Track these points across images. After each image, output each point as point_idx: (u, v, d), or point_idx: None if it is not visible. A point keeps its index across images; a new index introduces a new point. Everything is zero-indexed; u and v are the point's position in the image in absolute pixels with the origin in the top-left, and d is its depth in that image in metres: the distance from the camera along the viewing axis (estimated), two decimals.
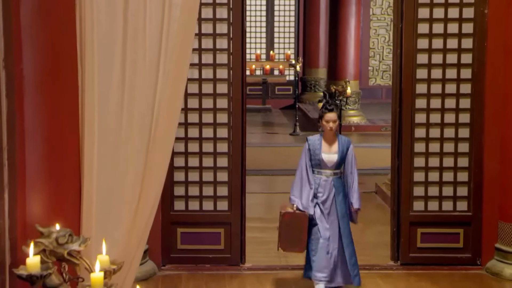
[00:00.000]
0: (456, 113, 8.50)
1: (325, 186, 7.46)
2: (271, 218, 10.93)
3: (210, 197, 8.59)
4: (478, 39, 8.34)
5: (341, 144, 7.49)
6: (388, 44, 21.61)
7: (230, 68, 8.44)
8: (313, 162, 7.48)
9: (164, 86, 4.62)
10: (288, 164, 14.49)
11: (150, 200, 4.65)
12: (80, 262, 4.03)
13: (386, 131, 17.51)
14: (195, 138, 8.49)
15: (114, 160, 4.63)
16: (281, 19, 22.64)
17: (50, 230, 4.02)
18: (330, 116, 7.45)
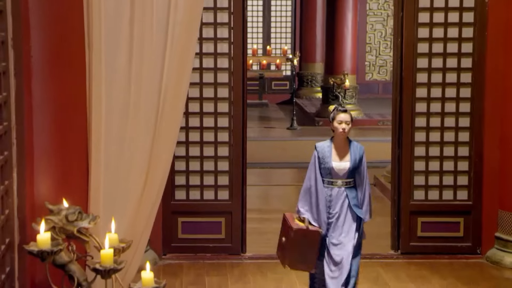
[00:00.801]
0: (456, 102, 8.51)
1: (337, 198, 6.71)
2: (269, 209, 11.00)
3: (211, 187, 8.60)
4: (478, 28, 8.36)
5: (353, 151, 6.71)
6: (384, 39, 21.64)
7: (231, 58, 8.44)
8: (323, 171, 6.70)
9: (171, 64, 4.62)
10: (285, 158, 14.54)
11: (157, 179, 4.65)
12: (89, 239, 4.03)
13: (383, 125, 17.56)
14: (196, 127, 8.49)
15: (121, 139, 4.63)
16: (278, 14, 22.66)
17: (60, 207, 4.02)
18: (342, 117, 6.65)
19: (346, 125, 6.65)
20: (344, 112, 6.70)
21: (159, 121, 4.66)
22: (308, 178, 6.76)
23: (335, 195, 6.69)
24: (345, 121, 6.65)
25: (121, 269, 3.90)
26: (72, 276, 4.05)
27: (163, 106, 4.67)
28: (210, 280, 7.96)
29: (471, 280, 7.93)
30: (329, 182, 6.69)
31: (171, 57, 4.64)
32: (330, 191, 6.69)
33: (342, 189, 6.70)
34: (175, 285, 7.83)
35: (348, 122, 6.67)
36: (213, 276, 8.06)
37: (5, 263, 4.30)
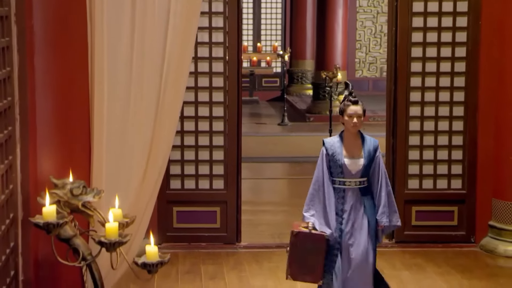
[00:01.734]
0: (450, 91, 8.55)
1: (350, 200, 5.99)
2: (262, 202, 11.02)
3: (206, 176, 8.60)
4: (472, 17, 8.40)
5: (366, 146, 6.00)
6: (374, 36, 21.70)
7: (226, 47, 8.46)
8: (333, 170, 5.95)
9: (174, 39, 4.63)
10: (276, 152, 14.57)
11: (160, 156, 4.66)
12: (94, 213, 4.03)
13: (374, 121, 17.60)
14: (191, 116, 8.49)
15: (124, 115, 4.64)
16: (268, 11, 22.68)
17: (64, 181, 4.03)
18: (354, 109, 5.91)
19: (358, 119, 5.90)
20: (355, 103, 5.96)
21: (162, 96, 4.67)
22: (316, 179, 6.01)
23: (348, 197, 5.98)
24: (356, 114, 5.90)
25: (126, 242, 3.91)
26: (76, 250, 4.05)
27: (165, 81, 4.67)
28: (205, 268, 7.96)
29: (465, 268, 7.97)
30: (340, 183, 5.96)
31: (173, 32, 4.65)
32: (342, 193, 5.97)
33: (356, 190, 5.99)
34: (171, 273, 7.82)
35: (360, 115, 5.93)
36: (209, 265, 8.07)
37: (9, 238, 4.30)
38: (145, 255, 4.06)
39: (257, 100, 20.75)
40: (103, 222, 3.95)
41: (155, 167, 4.65)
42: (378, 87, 21.36)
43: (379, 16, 21.54)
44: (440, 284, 7.51)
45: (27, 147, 4.45)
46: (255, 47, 20.79)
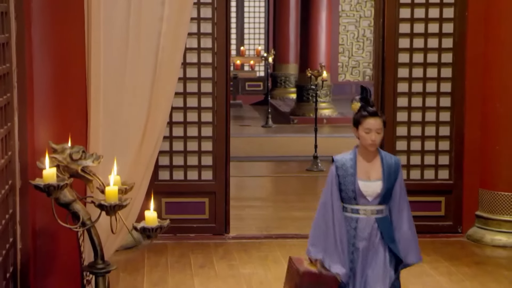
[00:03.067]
0: (437, 82, 8.62)
1: (364, 231, 5.00)
2: (248, 197, 11.03)
3: (194, 167, 8.61)
4: (459, 9, 8.48)
5: (386, 165, 5.00)
6: (357, 41, 21.81)
7: (214, 38, 8.49)
8: (344, 194, 4.97)
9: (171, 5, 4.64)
10: (261, 152, 14.59)
11: (157, 124, 4.67)
12: (93, 178, 4.04)
13: None
14: (179, 107, 8.51)
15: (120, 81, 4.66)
16: (251, 15, 22.76)
17: (64, 146, 4.03)
18: (372, 123, 4.89)
19: (377, 135, 4.90)
20: (374, 115, 4.93)
21: (159, 62, 4.68)
22: (323, 205, 5.03)
23: (362, 228, 5.00)
24: (375, 129, 4.89)
25: (126, 205, 3.92)
26: (75, 216, 4.06)
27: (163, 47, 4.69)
28: (195, 258, 7.97)
29: (453, 257, 8.02)
30: (353, 211, 5.00)
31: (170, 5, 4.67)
32: (354, 223, 4.99)
33: (372, 219, 4.98)
34: (161, 262, 7.83)
35: (380, 130, 4.92)
36: (198, 254, 8.08)
37: (8, 205, 4.31)
38: (144, 221, 4.08)
39: (241, 104, 20.79)
40: (102, 187, 3.96)
41: (153, 134, 4.67)
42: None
43: (362, 20, 21.67)
44: (429, 271, 7.56)
45: (25, 115, 4.46)
46: (239, 50, 20.85)
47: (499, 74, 8.27)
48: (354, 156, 5.00)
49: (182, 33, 4.76)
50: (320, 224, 5.04)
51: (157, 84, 4.68)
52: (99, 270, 4.05)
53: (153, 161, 4.90)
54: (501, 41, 8.25)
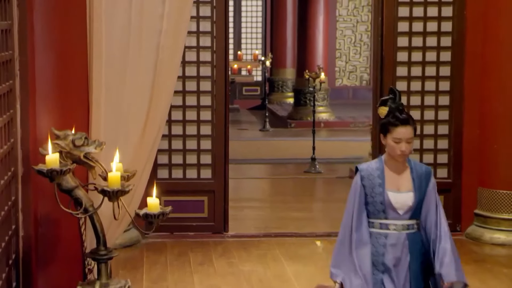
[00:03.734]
0: (436, 81, 8.64)
1: (394, 250, 4.51)
2: (246, 198, 11.03)
3: (193, 165, 8.62)
4: (457, 7, 8.51)
5: (416, 175, 4.56)
6: (354, 45, 21.84)
7: (214, 36, 8.50)
8: (371, 207, 4.51)
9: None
10: (259, 155, 14.60)
11: (159, 112, 4.68)
12: (95, 165, 4.04)
13: (355, 127, 17.72)
14: (178, 106, 8.51)
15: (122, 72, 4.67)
16: (249, 19, 22.78)
17: (66, 133, 4.04)
18: (403, 132, 4.46)
19: (407, 145, 4.47)
20: (405, 123, 4.48)
21: (161, 50, 4.70)
22: (347, 220, 4.56)
23: (391, 246, 4.50)
24: (405, 138, 4.46)
25: (129, 191, 3.92)
26: (77, 202, 4.06)
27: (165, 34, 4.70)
28: (194, 256, 7.97)
29: None
30: (382, 226, 4.52)
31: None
32: (383, 240, 4.51)
33: (403, 235, 4.51)
34: (160, 260, 7.83)
35: (410, 140, 4.49)
36: (197, 252, 8.08)
37: (10, 192, 4.31)
38: (146, 208, 4.08)
39: (238, 108, 20.78)
40: (104, 174, 3.96)
41: (155, 122, 4.68)
42: (358, 95, 21.49)
43: (359, 25, 21.71)
44: None
45: (27, 103, 4.47)
46: (236, 55, 20.85)
47: (497, 73, 8.28)
48: (381, 165, 4.54)
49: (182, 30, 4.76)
50: (343, 242, 4.56)
51: (158, 75, 4.69)
52: (101, 257, 4.05)
53: (155, 149, 4.91)
54: (500, 40, 8.27)
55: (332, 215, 9.95)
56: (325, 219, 9.89)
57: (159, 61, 4.64)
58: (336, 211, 10.13)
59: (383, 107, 4.59)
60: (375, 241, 4.54)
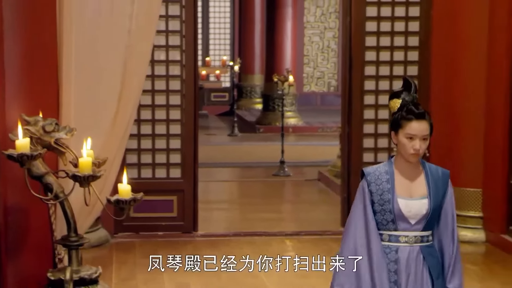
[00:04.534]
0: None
1: (407, 266, 3.94)
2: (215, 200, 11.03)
3: (162, 165, 8.61)
4: (424, 7, 8.60)
5: (432, 179, 4.02)
6: (322, 52, 21.94)
7: (183, 35, 8.51)
8: (379, 217, 3.95)
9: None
10: (227, 159, 14.60)
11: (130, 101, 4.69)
12: (66, 151, 4.02)
13: (323, 132, 17.81)
14: (147, 105, 8.50)
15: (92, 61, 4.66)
16: (217, 25, 22.81)
17: (36, 119, 4.02)
18: (417, 128, 3.93)
19: (422, 142, 3.96)
20: (420, 118, 3.93)
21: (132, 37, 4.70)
22: (352, 231, 3.97)
23: (404, 261, 3.94)
24: (421, 135, 3.94)
25: (100, 176, 3.91)
26: (48, 189, 4.04)
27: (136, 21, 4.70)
28: (164, 254, 7.92)
29: None
30: (391, 238, 3.96)
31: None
32: (394, 255, 3.94)
33: (417, 248, 3.94)
34: (129, 259, 7.80)
35: (426, 137, 3.97)
36: (167, 251, 8.04)
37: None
38: (117, 194, 4.07)
39: (206, 114, 20.77)
40: (75, 161, 3.95)
41: (126, 109, 4.68)
42: (326, 101, 21.57)
43: (326, 32, 21.82)
44: None
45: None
46: (204, 61, 20.85)
47: (464, 72, 8.38)
48: (390, 168, 3.99)
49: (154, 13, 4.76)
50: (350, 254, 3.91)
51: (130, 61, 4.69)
52: (72, 243, 4.03)
53: (126, 136, 4.91)
54: (466, 39, 8.37)
55: (300, 216, 10.00)
56: (294, 219, 9.94)
57: (130, 46, 4.64)
58: (304, 212, 10.22)
59: (395, 99, 4.01)
60: (385, 258, 3.92)
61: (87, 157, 3.86)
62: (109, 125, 4.64)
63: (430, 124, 3.98)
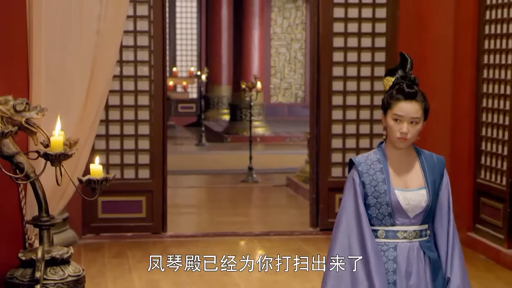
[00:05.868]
0: (371, 81, 8.78)
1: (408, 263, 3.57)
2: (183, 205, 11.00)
3: (131, 165, 8.58)
4: (391, 9, 8.69)
5: (428, 167, 3.69)
6: (289, 63, 22.04)
7: (151, 36, 8.51)
8: (373, 211, 3.59)
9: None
10: (195, 166, 14.58)
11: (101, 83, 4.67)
12: (37, 131, 4.01)
13: (291, 141, 17.87)
14: (116, 105, 8.48)
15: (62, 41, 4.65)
16: (184, 36, 22.84)
17: (7, 98, 4.00)
18: (405, 109, 3.57)
19: (410, 126, 3.56)
20: (411, 97, 3.57)
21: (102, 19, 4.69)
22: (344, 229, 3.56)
23: (404, 259, 3.57)
24: (409, 117, 3.56)
25: (72, 155, 3.89)
26: (19, 168, 4.01)
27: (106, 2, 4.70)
28: (133, 254, 7.92)
29: None
30: (388, 234, 3.59)
31: None
32: (392, 253, 3.57)
33: (416, 244, 3.59)
34: (98, 258, 7.76)
35: (417, 120, 3.58)
36: (136, 251, 8.03)
37: None
38: (89, 174, 4.06)
39: (174, 125, 20.75)
40: (47, 141, 3.92)
41: (97, 92, 4.67)
42: (293, 112, 21.67)
43: (293, 43, 21.94)
44: None
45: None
46: (171, 72, 20.85)
47: (430, 73, 8.46)
48: (382, 156, 3.62)
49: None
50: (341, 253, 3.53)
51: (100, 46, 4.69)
52: (43, 223, 4.01)
53: (97, 120, 4.91)
54: (432, 40, 8.48)
55: (269, 219, 10.02)
56: (263, 222, 9.94)
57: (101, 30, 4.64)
58: (273, 216, 10.24)
59: (388, 77, 3.65)
60: (382, 254, 3.55)
61: (59, 136, 3.84)
62: (80, 108, 4.63)
63: (423, 107, 3.59)
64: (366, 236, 3.49)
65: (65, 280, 3.99)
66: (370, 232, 3.51)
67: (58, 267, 4.01)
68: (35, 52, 4.54)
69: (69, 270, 4.07)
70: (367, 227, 3.51)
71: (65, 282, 3.99)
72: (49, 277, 3.99)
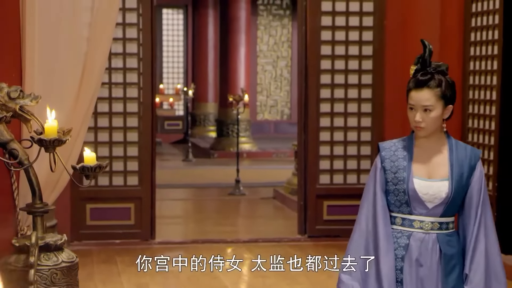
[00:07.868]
0: (358, 88, 8.86)
1: (419, 253, 3.53)
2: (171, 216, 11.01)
3: (120, 172, 8.60)
4: (377, 17, 8.79)
5: (457, 159, 3.57)
6: (275, 80, 22.14)
7: (140, 44, 8.56)
8: (392, 197, 3.59)
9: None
10: (182, 181, 14.59)
11: (95, 73, 4.71)
12: (31, 118, 4.04)
13: (277, 157, 17.91)
14: (104, 112, 8.52)
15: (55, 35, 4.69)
16: (170, 54, 22.91)
17: (1, 85, 4.02)
18: (415, 98, 3.60)
19: (424, 114, 3.55)
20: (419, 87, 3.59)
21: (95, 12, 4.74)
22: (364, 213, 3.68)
23: (416, 249, 3.53)
24: (420, 105, 3.57)
25: (66, 141, 3.92)
26: (13, 155, 4.03)
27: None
28: (122, 260, 7.93)
29: None
30: (404, 222, 3.56)
31: None
32: (405, 240, 3.55)
33: (433, 237, 3.53)
34: (87, 263, 7.74)
35: (431, 108, 3.54)
36: (125, 256, 8.04)
37: None
38: (82, 162, 4.09)
39: (160, 142, 20.76)
40: (41, 129, 3.95)
41: (90, 83, 4.71)
42: (279, 129, 21.75)
43: (279, 61, 22.05)
44: None
45: None
46: (157, 88, 20.87)
47: None
48: (410, 144, 3.61)
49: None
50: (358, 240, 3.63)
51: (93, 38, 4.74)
52: (37, 210, 4.03)
53: (90, 111, 4.94)
54: (418, 48, 8.52)
55: (257, 228, 10.05)
56: (250, 231, 9.97)
57: (93, 22, 4.69)
58: (261, 226, 10.27)
59: (412, 66, 3.72)
60: (394, 241, 3.54)
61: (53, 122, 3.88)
62: (73, 99, 4.67)
63: (438, 93, 3.53)
64: (378, 222, 3.53)
65: (58, 266, 4.02)
66: (384, 218, 3.54)
67: (52, 253, 4.04)
68: (28, 43, 4.59)
69: (62, 256, 4.10)
70: (381, 214, 3.55)
71: (59, 268, 4.02)
72: (43, 263, 4.01)
